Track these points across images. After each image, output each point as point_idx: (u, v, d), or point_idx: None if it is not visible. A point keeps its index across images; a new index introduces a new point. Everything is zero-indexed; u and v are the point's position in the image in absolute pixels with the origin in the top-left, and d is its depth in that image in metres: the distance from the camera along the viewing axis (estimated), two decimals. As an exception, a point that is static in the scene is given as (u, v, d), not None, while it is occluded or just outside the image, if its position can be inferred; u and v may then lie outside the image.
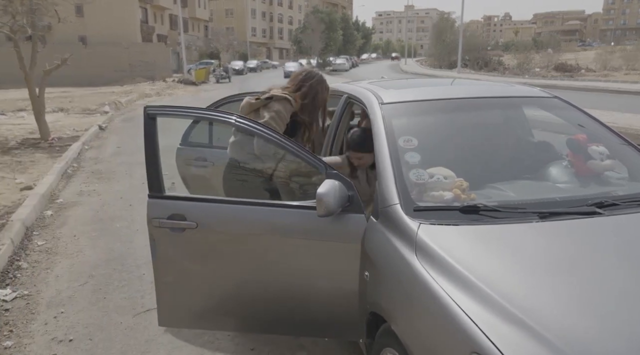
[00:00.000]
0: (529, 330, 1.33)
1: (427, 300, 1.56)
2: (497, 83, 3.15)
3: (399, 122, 2.34)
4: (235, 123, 2.20)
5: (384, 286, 1.83)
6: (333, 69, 48.25)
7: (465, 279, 1.54)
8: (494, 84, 3.14)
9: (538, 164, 2.51)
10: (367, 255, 1.98)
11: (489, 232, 1.82)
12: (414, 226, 1.81)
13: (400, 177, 2.04)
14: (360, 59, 74.83)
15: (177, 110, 2.33)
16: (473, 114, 2.59)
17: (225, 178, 2.58)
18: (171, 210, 2.14)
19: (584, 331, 1.32)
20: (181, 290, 2.25)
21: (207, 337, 2.80)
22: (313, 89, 2.80)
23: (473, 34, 49.43)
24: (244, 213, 2.14)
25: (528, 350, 1.29)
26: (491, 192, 2.13)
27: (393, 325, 1.71)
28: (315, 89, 2.81)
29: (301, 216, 2.10)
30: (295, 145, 2.18)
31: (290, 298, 2.20)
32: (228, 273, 2.21)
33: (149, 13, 45.28)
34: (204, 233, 2.14)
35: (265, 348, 2.69)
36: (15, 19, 9.88)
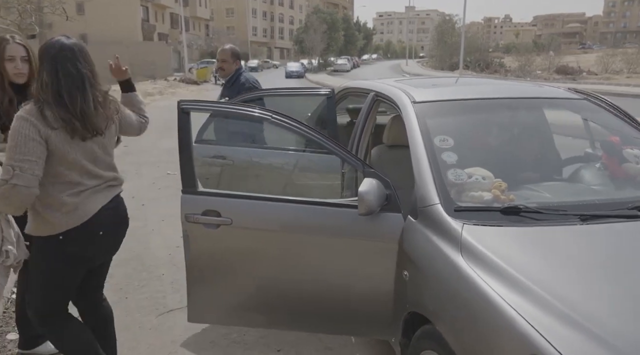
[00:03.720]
0: (587, 332, 1.32)
1: (478, 302, 1.55)
2: (525, 83, 3.14)
3: (433, 121, 2.33)
4: (272, 119, 2.19)
5: (427, 286, 1.82)
6: (334, 70, 48.31)
7: (516, 281, 1.52)
8: (523, 84, 3.13)
9: (570, 165, 2.50)
10: (406, 255, 1.97)
11: (532, 233, 1.81)
12: (457, 226, 1.80)
13: (439, 177, 2.03)
14: (362, 59, 74.90)
15: (211, 105, 2.32)
16: (505, 114, 2.58)
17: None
18: (205, 206, 2.13)
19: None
20: (213, 286, 2.23)
21: (234, 336, 2.78)
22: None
23: (474, 36, 49.48)
24: (279, 210, 2.13)
25: (589, 352, 1.28)
26: (527, 194, 2.12)
27: (438, 325, 1.69)
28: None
29: (338, 214, 2.09)
30: (333, 142, 2.17)
31: (323, 296, 2.18)
32: (262, 270, 2.20)
33: (150, 11, 45.29)
34: (239, 230, 2.12)
35: (292, 349, 2.68)
36: (22, 16, 9.89)
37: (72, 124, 1.84)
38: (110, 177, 2.06)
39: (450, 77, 4.31)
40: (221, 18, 67.76)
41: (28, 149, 1.76)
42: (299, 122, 2.23)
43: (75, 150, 1.89)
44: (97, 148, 1.98)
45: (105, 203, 2.02)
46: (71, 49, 1.89)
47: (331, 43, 54.41)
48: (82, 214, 1.93)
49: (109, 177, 2.05)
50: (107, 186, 2.04)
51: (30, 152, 1.77)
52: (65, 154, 1.87)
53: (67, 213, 1.91)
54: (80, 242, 1.97)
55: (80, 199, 1.93)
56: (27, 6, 9.26)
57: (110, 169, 2.07)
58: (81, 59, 1.90)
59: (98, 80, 1.98)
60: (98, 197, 1.99)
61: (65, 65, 1.86)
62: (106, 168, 2.05)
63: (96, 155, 1.98)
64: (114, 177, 2.09)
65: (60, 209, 1.90)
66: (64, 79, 1.85)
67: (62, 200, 1.89)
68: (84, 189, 1.94)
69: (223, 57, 3.95)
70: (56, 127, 1.82)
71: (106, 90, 2.01)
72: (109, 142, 2.06)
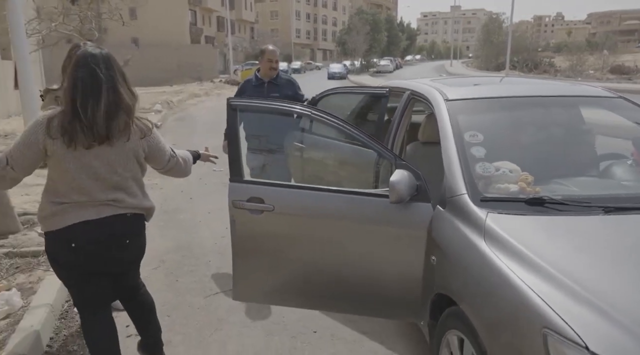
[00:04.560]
0: (597, 309, 1.43)
1: (497, 281, 1.68)
2: (560, 82, 3.19)
3: (464, 118, 2.45)
4: (311, 115, 2.38)
5: (453, 269, 1.95)
6: (377, 71, 48.14)
7: (533, 263, 1.64)
8: (558, 82, 3.18)
9: (601, 162, 2.55)
10: (434, 241, 2.11)
11: (554, 222, 1.92)
12: (482, 214, 1.93)
13: (467, 169, 2.16)
14: (404, 60, 74.23)
15: (255, 102, 2.54)
16: (537, 111, 2.66)
17: None
18: (250, 193, 2.34)
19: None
20: (256, 268, 2.44)
21: (274, 318, 3.00)
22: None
23: (522, 35, 48.03)
24: (318, 199, 2.31)
25: (596, 325, 1.39)
26: (555, 187, 2.21)
27: (461, 305, 1.83)
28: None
29: (371, 203, 2.25)
30: (368, 136, 2.34)
31: (357, 279, 2.34)
32: (300, 253, 2.39)
33: (197, 15, 46.76)
34: (280, 216, 2.32)
35: (328, 332, 2.86)
36: (83, 23, 10.60)
37: (72, 134, 1.87)
38: (108, 198, 2.00)
39: (488, 77, 4.32)
40: (266, 20, 69.01)
41: (25, 150, 1.91)
42: (337, 118, 2.41)
43: (70, 161, 1.91)
44: (98, 164, 1.95)
45: (90, 219, 1.98)
46: (93, 56, 1.93)
47: (374, 44, 54.27)
48: (53, 223, 1.97)
49: (104, 198, 1.99)
50: (100, 204, 1.99)
51: (26, 155, 1.90)
52: (59, 162, 1.92)
53: (44, 217, 2.01)
54: (54, 247, 2.04)
55: (58, 208, 1.97)
56: (88, 13, 9.95)
57: (114, 189, 2.02)
58: (102, 66, 1.93)
59: (123, 89, 1.98)
60: (79, 212, 1.97)
61: (83, 72, 1.90)
62: (107, 188, 2.00)
63: (96, 172, 1.96)
64: (115, 199, 2.01)
65: (42, 211, 2.02)
66: (81, 85, 1.89)
67: (45, 205, 2.00)
68: (66, 202, 1.96)
69: (276, 57, 3.93)
70: (54, 137, 1.88)
71: (130, 103, 2.00)
72: (119, 160, 2.00)
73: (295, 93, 3.95)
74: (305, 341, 2.77)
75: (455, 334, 1.94)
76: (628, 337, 1.35)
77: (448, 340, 2.00)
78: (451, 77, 3.89)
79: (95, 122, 1.88)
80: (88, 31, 10.20)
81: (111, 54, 2.03)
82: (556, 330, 1.41)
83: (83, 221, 1.97)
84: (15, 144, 1.93)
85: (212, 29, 50.71)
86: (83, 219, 1.97)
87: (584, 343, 1.35)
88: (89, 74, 1.90)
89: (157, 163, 2.24)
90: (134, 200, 2.10)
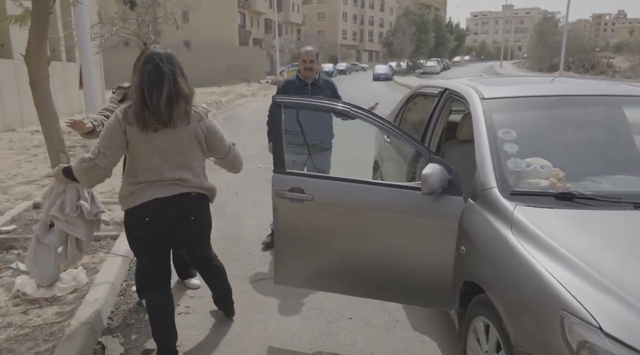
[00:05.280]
0: (614, 294, 1.51)
1: (520, 269, 1.77)
2: (601, 81, 3.18)
3: (499, 115, 2.53)
4: (350, 111, 2.54)
5: (480, 258, 2.05)
6: (423, 72, 47.59)
7: (555, 251, 1.73)
8: (597, 82, 3.18)
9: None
10: (465, 232, 2.21)
11: (580, 215, 1.98)
12: (510, 207, 2.02)
13: (498, 164, 2.24)
14: (453, 61, 72.84)
15: (298, 100, 2.74)
16: (574, 110, 2.70)
17: None
18: (292, 184, 2.52)
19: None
20: (296, 254, 2.61)
21: (312, 304, 3.18)
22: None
23: (579, 35, 46.09)
24: (354, 190, 2.46)
25: (611, 308, 1.47)
26: (587, 184, 2.25)
27: (488, 292, 1.92)
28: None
29: (405, 195, 2.38)
30: (402, 132, 2.47)
31: (391, 268, 2.47)
32: (337, 242, 2.54)
33: (246, 18, 47.90)
34: (319, 205, 2.49)
35: (362, 319, 3.00)
36: (140, 27, 11.24)
37: (144, 118, 2.20)
38: (175, 177, 2.31)
39: (535, 77, 4.26)
40: (312, 22, 69.66)
41: (111, 138, 2.23)
42: (374, 114, 2.55)
43: (144, 144, 2.25)
44: (166, 145, 2.28)
45: (161, 197, 2.31)
46: (158, 54, 2.28)
47: (421, 45, 53.60)
48: (132, 200, 2.33)
49: (172, 177, 2.31)
50: (169, 184, 2.32)
51: (112, 141, 2.22)
52: (136, 147, 2.25)
53: (124, 197, 2.37)
54: (132, 222, 2.39)
55: (135, 188, 2.32)
56: (145, 17, 10.56)
57: (180, 169, 2.33)
58: (165, 62, 2.26)
59: (182, 81, 2.30)
60: (152, 190, 2.30)
61: (149, 67, 2.24)
62: (174, 167, 2.31)
63: (165, 152, 2.28)
64: (181, 178, 2.33)
65: (123, 192, 2.39)
66: (147, 78, 2.23)
67: (125, 186, 2.37)
68: (142, 181, 2.31)
69: (311, 58, 3.99)
70: (131, 123, 2.22)
71: (189, 93, 2.31)
72: (183, 141, 2.31)
73: (334, 94, 4.08)
74: (340, 326, 2.93)
75: (481, 320, 2.04)
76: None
77: (475, 326, 2.10)
78: (490, 77, 3.95)
79: (159, 107, 2.22)
80: (145, 34, 10.82)
81: (173, 53, 2.37)
82: (572, 312, 1.49)
83: (154, 199, 2.30)
84: (102, 136, 2.27)
85: (260, 31, 51.78)
86: (154, 197, 2.30)
87: (598, 324, 1.43)
88: (154, 68, 2.25)
89: (218, 150, 2.52)
90: (198, 180, 2.41)
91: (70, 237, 2.60)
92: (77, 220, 2.52)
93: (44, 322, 2.76)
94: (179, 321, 2.95)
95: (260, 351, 2.69)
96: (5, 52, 11.08)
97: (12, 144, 9.18)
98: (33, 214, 4.73)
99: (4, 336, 2.61)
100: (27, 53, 4.07)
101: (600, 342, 1.42)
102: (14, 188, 5.84)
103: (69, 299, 3.05)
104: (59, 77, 12.06)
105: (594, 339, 1.43)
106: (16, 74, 11.08)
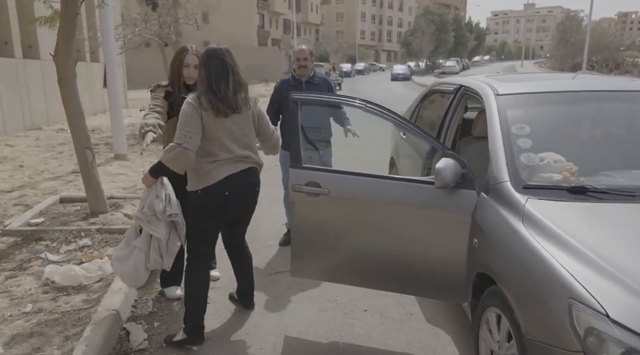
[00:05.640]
0: (622, 283, 1.55)
1: (531, 259, 1.81)
2: (617, 77, 3.18)
3: (513, 111, 2.56)
4: (365, 108, 2.60)
5: (492, 249, 2.09)
6: (442, 72, 47.22)
7: (565, 242, 1.77)
8: (614, 77, 3.17)
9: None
10: (477, 225, 2.25)
11: (591, 207, 2.01)
12: (522, 199, 2.06)
13: (511, 158, 2.28)
14: (472, 61, 72.12)
15: (315, 96, 2.81)
16: (589, 105, 2.71)
17: None
18: (308, 178, 2.59)
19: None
20: (312, 246, 2.69)
21: (328, 296, 3.25)
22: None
23: (604, 33, 45.18)
24: (369, 184, 2.52)
25: (618, 296, 1.51)
26: (601, 179, 2.27)
27: (499, 282, 1.97)
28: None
29: (420, 190, 2.43)
30: (418, 128, 2.52)
31: (405, 260, 2.53)
32: (353, 235, 2.60)
33: (265, 18, 48.25)
34: (335, 199, 2.56)
35: (377, 311, 3.06)
36: (162, 27, 11.48)
37: (217, 105, 2.50)
38: (243, 154, 2.66)
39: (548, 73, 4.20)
40: (331, 22, 69.77)
41: (192, 124, 2.47)
42: (389, 110, 2.61)
43: (218, 128, 2.54)
44: (235, 128, 2.61)
45: (234, 172, 2.62)
46: (221, 50, 2.60)
47: (440, 44, 53.22)
48: (213, 177, 2.58)
49: (242, 154, 2.65)
50: (239, 160, 2.64)
51: (194, 126, 2.46)
52: (210, 130, 2.53)
53: (202, 176, 2.59)
54: (212, 197, 2.61)
55: (213, 166, 2.58)
56: (167, 18, 10.78)
57: (245, 148, 2.67)
58: (227, 57, 2.59)
59: (240, 72, 2.64)
60: (228, 167, 2.61)
61: (215, 62, 2.55)
62: (242, 147, 2.65)
63: (234, 134, 2.61)
64: (247, 155, 2.68)
65: (200, 171, 2.58)
66: (214, 72, 2.54)
67: (203, 165, 2.57)
68: (218, 160, 2.58)
69: (304, 56, 4.01)
70: (206, 109, 2.50)
71: (246, 83, 2.67)
72: (246, 124, 2.67)
73: (330, 90, 4.11)
74: (355, 318, 3.00)
75: (493, 311, 2.08)
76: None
77: (487, 317, 2.15)
78: (506, 74, 3.98)
79: (227, 96, 2.54)
80: (166, 35, 11.04)
81: (228, 48, 2.68)
82: (580, 300, 1.53)
83: (229, 174, 2.61)
84: (183, 123, 2.48)
85: (279, 31, 52.08)
86: (229, 173, 2.61)
87: (605, 311, 1.47)
88: (221, 63, 2.56)
89: (265, 132, 2.84)
90: (256, 157, 2.76)
91: (153, 240, 2.64)
92: (154, 219, 2.63)
93: (72, 309, 2.90)
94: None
95: (277, 340, 2.78)
96: (32, 53, 11.44)
97: (38, 141, 9.48)
98: (60, 207, 4.91)
99: (35, 320, 2.75)
100: (55, 53, 4.25)
101: (607, 329, 1.45)
102: (41, 183, 6.05)
103: (95, 287, 3.18)
104: (83, 77, 12.38)
105: (601, 325, 1.47)
106: (43, 74, 11.43)
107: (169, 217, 2.70)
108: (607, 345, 1.45)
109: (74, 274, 3.21)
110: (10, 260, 3.60)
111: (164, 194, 2.71)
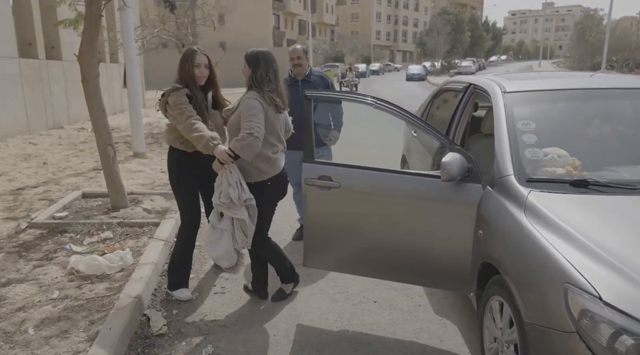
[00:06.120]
0: (616, 268, 1.63)
1: (530, 247, 1.90)
2: (626, 75, 3.23)
3: (520, 108, 2.64)
4: (375, 104, 2.70)
5: (495, 239, 2.18)
6: (458, 72, 46.93)
7: (564, 230, 1.86)
8: (623, 76, 3.22)
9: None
10: (482, 217, 2.34)
11: (591, 199, 2.09)
12: (525, 192, 2.15)
13: (516, 153, 2.37)
14: (489, 61, 71.48)
15: (327, 93, 2.94)
16: (596, 103, 2.77)
17: None
18: (320, 172, 2.71)
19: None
20: (324, 238, 2.80)
21: (340, 288, 3.36)
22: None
23: (625, 32, 44.39)
24: (378, 178, 2.63)
25: (611, 280, 1.59)
26: (604, 173, 2.34)
27: (501, 270, 2.05)
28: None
29: (427, 183, 2.53)
30: (426, 123, 2.63)
31: (413, 252, 2.62)
32: (363, 227, 2.71)
33: (280, 19, 48.50)
34: (346, 192, 2.66)
35: (387, 303, 3.16)
36: (179, 29, 11.70)
37: (277, 101, 2.81)
38: (284, 146, 3.04)
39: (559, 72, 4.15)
40: (346, 23, 69.79)
41: (259, 117, 2.71)
42: (398, 106, 2.71)
43: (276, 121, 2.87)
44: (281, 124, 2.95)
45: (285, 162, 3.03)
46: (270, 53, 2.91)
47: (455, 44, 52.87)
48: (278, 166, 2.93)
49: (283, 147, 3.01)
50: (282, 150, 3.00)
51: (259, 119, 2.70)
52: (271, 123, 2.82)
53: (271, 165, 2.88)
54: (279, 184, 2.97)
55: (276, 155, 2.91)
56: (184, 20, 10.99)
57: (282, 141, 3.02)
58: (274, 60, 2.90)
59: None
60: (283, 156, 3.01)
61: (271, 64, 2.86)
62: (282, 140, 3.01)
63: (282, 128, 2.97)
64: (284, 147, 3.05)
65: (267, 162, 2.86)
66: (271, 73, 2.83)
67: (268, 156, 2.85)
68: (278, 150, 2.93)
69: (298, 54, 3.97)
70: (269, 104, 2.79)
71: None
72: (284, 121, 3.01)
73: (327, 88, 4.05)
74: (365, 308, 3.10)
75: (497, 300, 2.17)
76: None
77: (491, 305, 2.23)
78: (516, 73, 4.05)
79: (280, 95, 2.86)
80: (184, 36, 11.24)
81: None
82: (575, 284, 1.62)
83: (284, 163, 2.99)
84: (251, 115, 2.70)
85: (294, 32, 52.30)
86: (284, 162, 3.00)
87: (597, 294, 1.55)
88: (277, 66, 2.89)
89: (287, 131, 3.13)
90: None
91: (236, 222, 2.86)
92: (232, 205, 2.81)
93: (95, 296, 3.05)
94: (216, 300, 3.21)
95: (289, 327, 2.89)
96: (55, 54, 11.76)
97: (60, 140, 9.77)
98: (82, 202, 5.11)
99: (62, 306, 2.92)
100: (80, 53, 4.43)
101: (600, 310, 1.54)
102: (64, 180, 6.28)
103: (117, 276, 3.34)
104: (103, 77, 12.67)
105: (593, 307, 1.55)
106: (65, 74, 11.75)
107: (245, 202, 2.84)
108: (600, 326, 1.53)
109: (98, 263, 3.38)
110: (37, 250, 3.79)
111: (235, 181, 2.83)
